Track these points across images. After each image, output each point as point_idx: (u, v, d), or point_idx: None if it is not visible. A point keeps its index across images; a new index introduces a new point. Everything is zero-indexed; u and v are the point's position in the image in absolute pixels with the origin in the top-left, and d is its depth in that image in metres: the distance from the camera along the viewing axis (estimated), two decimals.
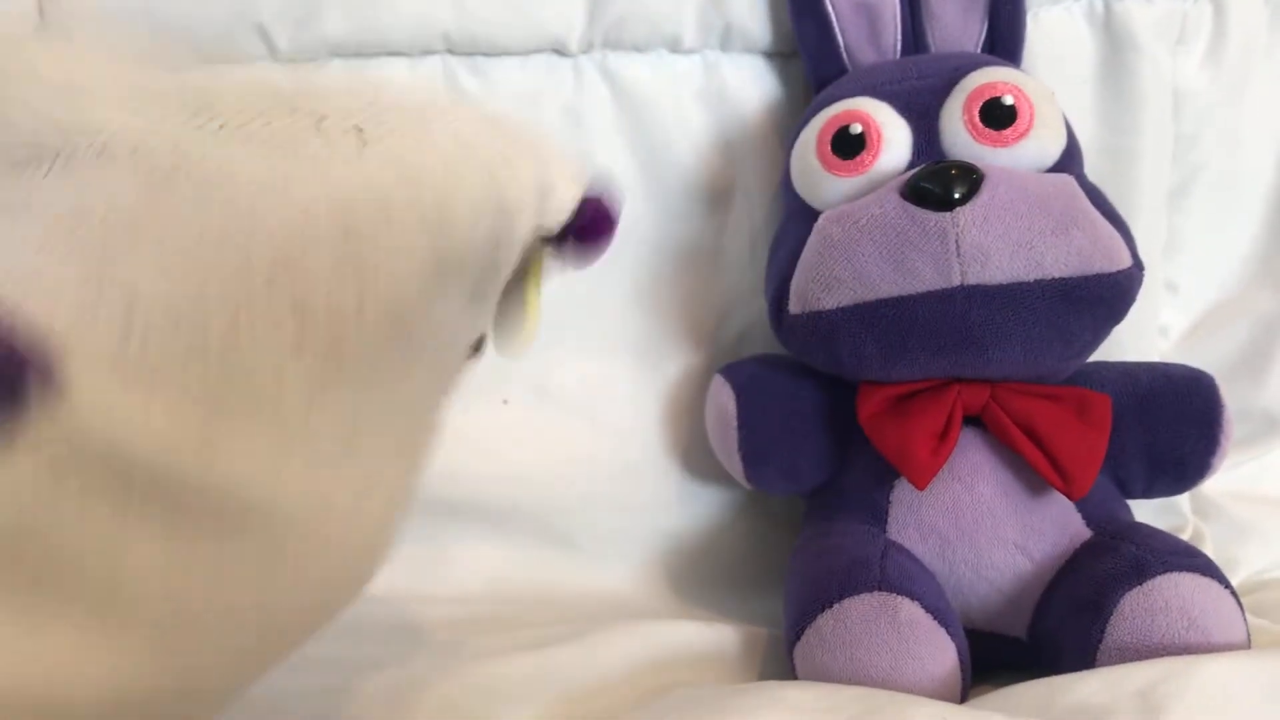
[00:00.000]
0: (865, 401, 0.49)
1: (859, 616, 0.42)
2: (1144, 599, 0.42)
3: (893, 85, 0.51)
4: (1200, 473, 0.50)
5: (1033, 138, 0.48)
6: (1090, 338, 0.48)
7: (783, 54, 0.59)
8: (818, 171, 0.50)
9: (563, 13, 0.55)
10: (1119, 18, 0.59)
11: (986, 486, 0.48)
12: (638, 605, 0.55)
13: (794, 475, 0.53)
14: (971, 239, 0.45)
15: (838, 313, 0.47)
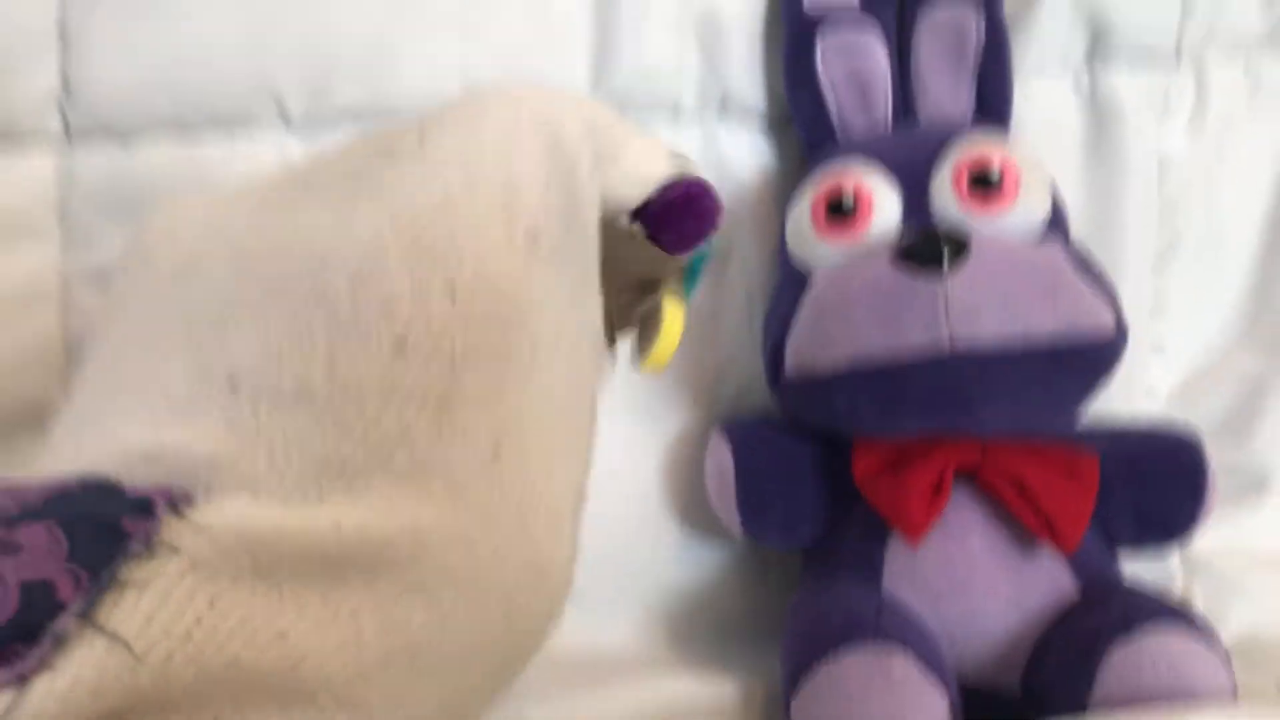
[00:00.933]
0: (860, 459, 0.50)
1: (854, 671, 0.43)
2: (1132, 654, 0.42)
3: (884, 153, 0.53)
4: (1187, 529, 0.51)
5: (1020, 204, 0.50)
6: (1077, 398, 0.49)
7: (778, 123, 0.61)
8: (812, 236, 0.52)
9: (566, 83, 0.57)
10: (1104, 89, 0.61)
11: (978, 542, 0.49)
12: (638, 659, 0.55)
13: (791, 531, 0.54)
14: (960, 302, 0.46)
15: (832, 373, 0.49)
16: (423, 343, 0.27)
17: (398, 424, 0.26)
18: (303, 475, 0.26)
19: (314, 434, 0.26)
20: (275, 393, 0.26)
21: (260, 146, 0.54)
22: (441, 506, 0.27)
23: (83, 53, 0.52)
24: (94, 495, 0.24)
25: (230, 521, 0.24)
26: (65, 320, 0.53)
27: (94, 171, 0.52)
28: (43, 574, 0.22)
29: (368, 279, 0.27)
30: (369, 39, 0.54)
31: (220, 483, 0.25)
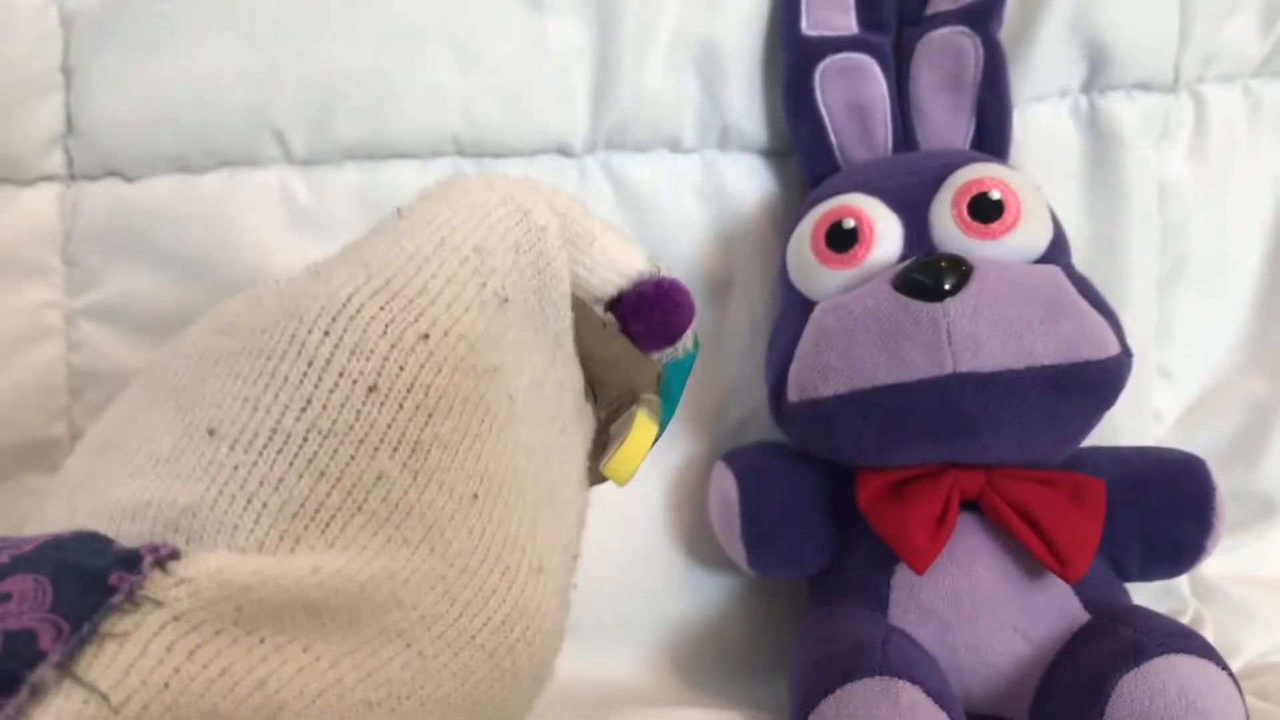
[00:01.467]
0: (864, 487, 0.50)
1: (861, 701, 0.43)
2: (1142, 681, 0.42)
3: (884, 181, 0.53)
4: (1195, 556, 0.51)
5: (1020, 230, 0.50)
6: (1081, 423, 0.49)
7: (778, 152, 0.61)
8: (813, 264, 0.52)
9: (566, 116, 0.57)
10: (1104, 114, 0.61)
11: (985, 571, 0.48)
12: (643, 692, 0.55)
13: (796, 561, 0.54)
14: (962, 328, 0.46)
15: (835, 400, 0.49)
16: (395, 387, 0.28)
17: (371, 468, 0.27)
18: (278, 519, 0.26)
19: (289, 478, 0.26)
20: (251, 438, 0.27)
21: (263, 183, 0.54)
22: (418, 550, 0.28)
23: (86, 92, 0.52)
24: (83, 548, 0.24)
25: (212, 571, 0.24)
26: (69, 358, 0.53)
27: (97, 209, 0.53)
28: (25, 623, 0.22)
29: (341, 327, 0.28)
30: (369, 74, 0.54)
31: (199, 530, 0.26)
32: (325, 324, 0.28)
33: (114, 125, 0.52)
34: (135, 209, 0.53)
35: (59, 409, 0.53)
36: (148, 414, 0.30)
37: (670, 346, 0.35)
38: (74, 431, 0.53)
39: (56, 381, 0.53)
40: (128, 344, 0.53)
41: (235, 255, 0.53)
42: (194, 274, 0.53)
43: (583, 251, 0.33)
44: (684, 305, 0.35)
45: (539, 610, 0.31)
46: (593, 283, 0.33)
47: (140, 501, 0.27)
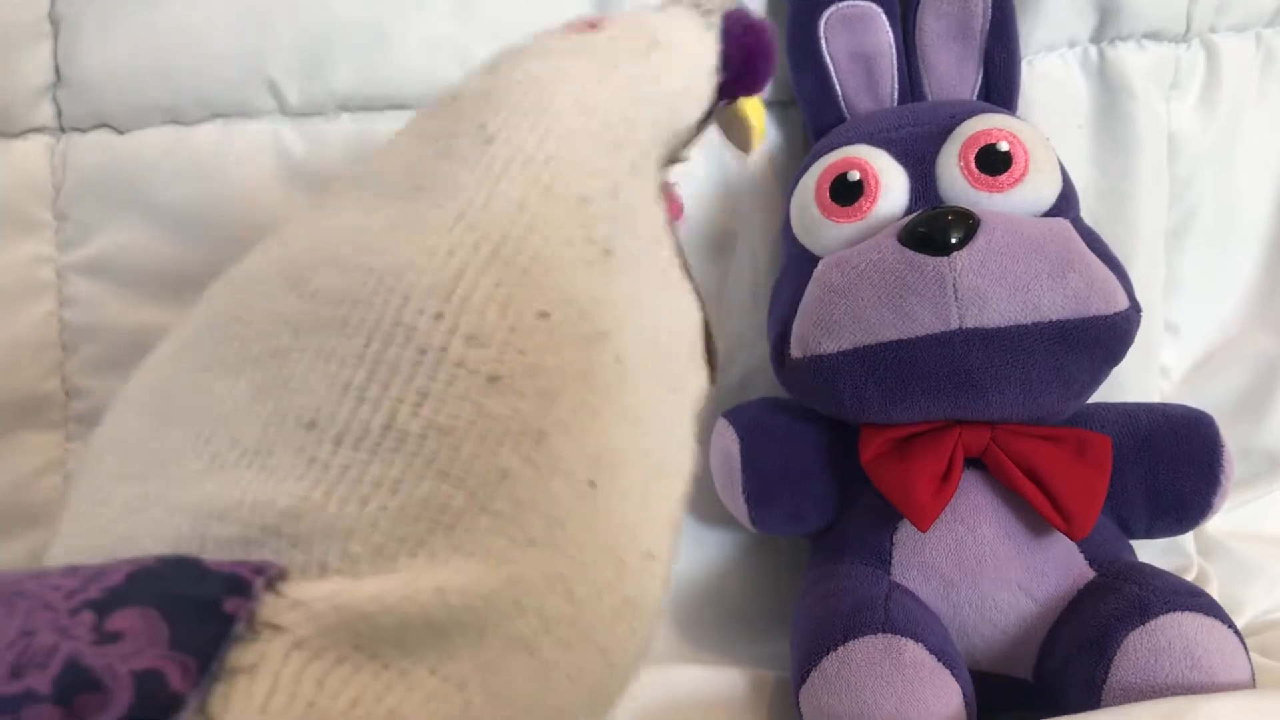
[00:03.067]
0: (867, 444, 0.49)
1: (863, 659, 0.42)
2: (1147, 639, 0.42)
3: (890, 133, 0.52)
4: (1202, 512, 0.51)
5: (1028, 183, 0.49)
6: (1089, 379, 0.48)
7: (782, 103, 0.60)
8: (817, 218, 0.51)
9: None
10: (1113, 64, 0.60)
11: (989, 528, 0.48)
12: None
13: (798, 518, 0.53)
14: (968, 283, 0.45)
15: (838, 356, 0.48)
16: (517, 375, 0.26)
17: (496, 465, 0.25)
18: (398, 522, 0.24)
19: (408, 479, 0.24)
20: (361, 435, 0.25)
21: (256, 134, 0.53)
22: (541, 547, 0.26)
23: (75, 42, 0.51)
24: (181, 574, 0.22)
25: (327, 596, 0.22)
26: (61, 313, 0.52)
27: (88, 162, 0.52)
28: (151, 663, 0.20)
29: (456, 309, 0.25)
30: (363, 22, 0.53)
31: (306, 536, 0.24)
32: (437, 304, 0.25)
33: (104, 75, 0.51)
34: (126, 161, 0.52)
35: (52, 365, 0.52)
36: (215, 384, 0.27)
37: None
38: (68, 387, 0.52)
39: (49, 337, 0.52)
40: (120, 299, 0.52)
41: (228, 208, 0.52)
42: (187, 228, 0.52)
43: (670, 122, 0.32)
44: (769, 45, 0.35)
45: (647, 598, 0.29)
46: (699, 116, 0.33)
47: (230, 500, 0.24)
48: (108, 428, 0.30)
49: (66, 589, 0.22)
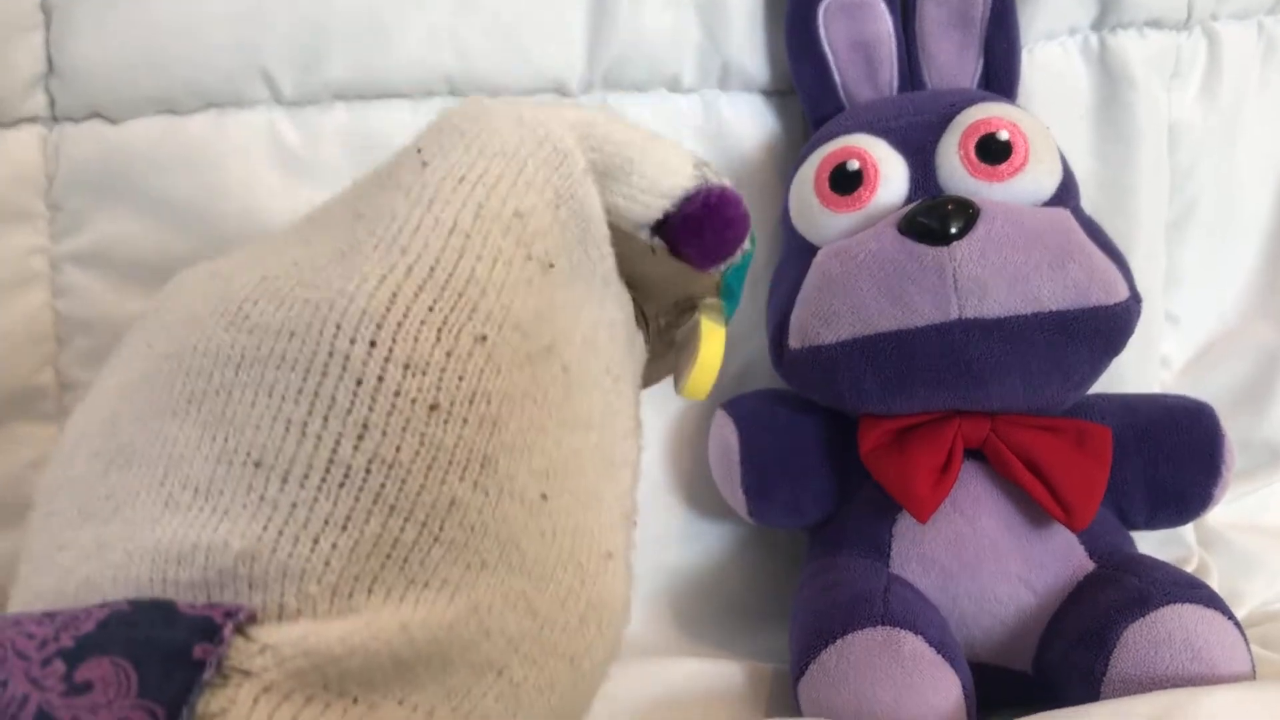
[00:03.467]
0: (866, 435, 0.49)
1: (862, 651, 0.42)
2: (1147, 630, 0.42)
3: (889, 122, 0.52)
4: (1202, 504, 0.50)
5: (1028, 172, 0.49)
6: (1089, 370, 0.48)
7: (780, 92, 0.60)
8: (816, 207, 0.51)
9: (563, 54, 0.56)
10: (1114, 53, 0.60)
11: (988, 519, 0.48)
12: (643, 642, 0.55)
13: (797, 510, 0.53)
14: (968, 273, 0.45)
15: (837, 347, 0.48)
16: (457, 402, 0.25)
17: (444, 494, 0.25)
18: (351, 561, 0.24)
19: (356, 515, 0.24)
20: (305, 472, 0.24)
21: (250, 124, 0.53)
22: (497, 570, 0.26)
23: (67, 32, 0.50)
24: (153, 619, 0.22)
25: (295, 640, 0.22)
26: (55, 304, 0.52)
27: (81, 152, 0.51)
28: (118, 714, 0.20)
29: (390, 336, 0.25)
30: (360, 11, 0.53)
31: (261, 577, 0.24)
32: (370, 332, 0.25)
33: (96, 65, 0.51)
34: (119, 151, 0.52)
35: (46, 356, 0.52)
36: (164, 425, 0.27)
37: (726, 261, 0.33)
38: (61, 379, 0.52)
39: (43, 329, 0.52)
40: (114, 290, 0.52)
41: (222, 199, 0.52)
42: (181, 218, 0.52)
43: (621, 182, 0.30)
44: (736, 220, 0.32)
45: (611, 599, 0.29)
46: (634, 211, 0.31)
47: (186, 544, 0.24)
48: (58, 468, 0.30)
49: (40, 637, 0.21)
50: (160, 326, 0.30)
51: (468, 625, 0.25)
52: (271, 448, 0.25)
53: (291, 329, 0.26)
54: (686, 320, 0.34)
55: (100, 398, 0.30)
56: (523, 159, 0.28)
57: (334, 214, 0.29)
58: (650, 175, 0.31)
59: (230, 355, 0.26)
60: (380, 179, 0.29)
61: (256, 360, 0.26)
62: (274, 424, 0.25)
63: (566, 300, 0.29)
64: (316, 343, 0.25)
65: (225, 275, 0.29)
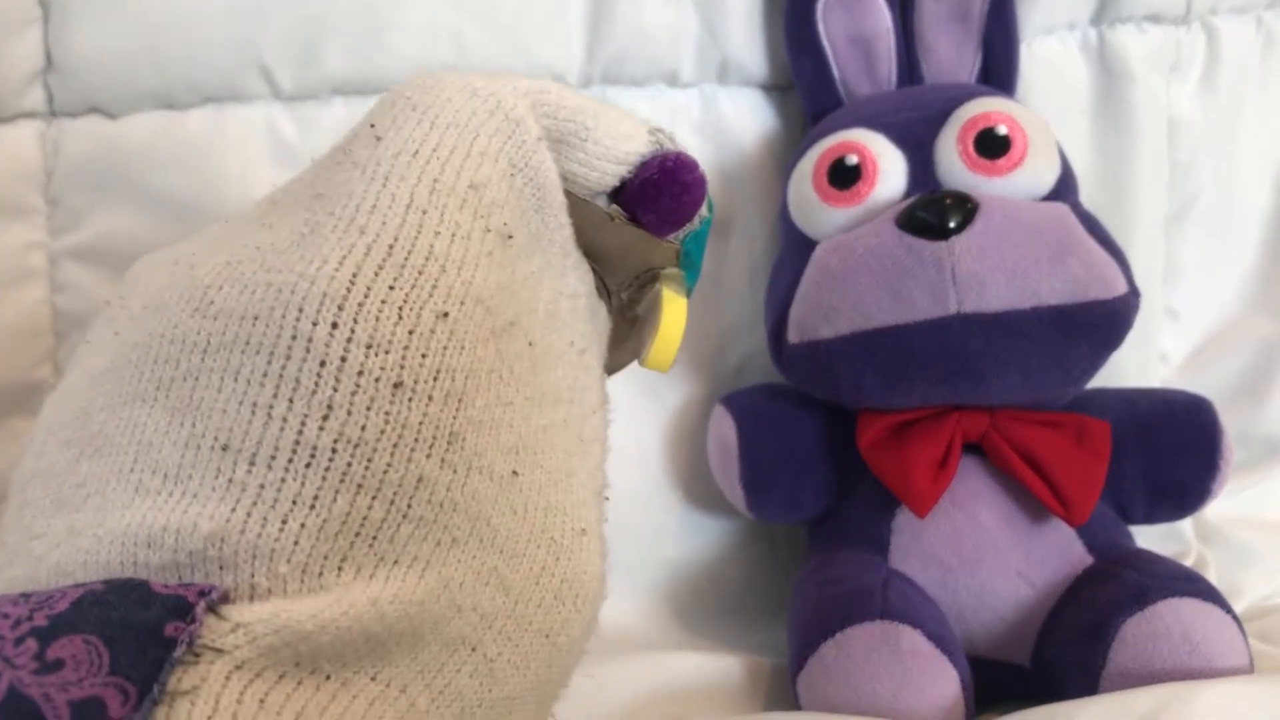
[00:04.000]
0: (865, 430, 0.49)
1: (861, 645, 0.42)
2: (1145, 624, 0.42)
3: (888, 117, 0.52)
4: (1201, 498, 0.50)
5: (1027, 167, 0.49)
6: (1088, 365, 0.48)
7: (779, 87, 0.60)
8: (814, 202, 0.51)
9: (561, 49, 0.56)
10: (1113, 47, 0.60)
11: (987, 514, 0.48)
12: (641, 636, 0.55)
13: (796, 504, 0.53)
14: (967, 267, 0.45)
15: (836, 342, 0.48)
16: (421, 379, 0.25)
17: (410, 472, 0.25)
18: (320, 540, 0.24)
19: (324, 495, 0.24)
20: (272, 454, 0.24)
21: (249, 120, 0.53)
22: (467, 546, 0.26)
23: (65, 26, 0.50)
24: (126, 599, 0.22)
25: (267, 618, 0.23)
26: (53, 300, 0.52)
27: (79, 147, 0.51)
28: (89, 691, 0.20)
29: (351, 317, 0.25)
30: (358, 6, 0.53)
31: (231, 558, 0.24)
32: (331, 314, 0.25)
33: (95, 60, 0.51)
34: (118, 147, 0.52)
35: (44, 352, 0.52)
36: (133, 412, 0.27)
37: (684, 228, 0.33)
38: (59, 375, 0.52)
39: (41, 324, 0.52)
40: (113, 285, 0.51)
41: (221, 194, 0.52)
42: (179, 214, 0.52)
43: (576, 149, 0.30)
44: (693, 184, 0.31)
45: (585, 575, 0.29)
46: (591, 178, 0.31)
47: (155, 527, 0.24)
48: (30, 459, 0.30)
49: (14, 617, 0.22)
50: (126, 316, 0.30)
51: (439, 601, 0.25)
52: (239, 431, 0.25)
53: (255, 313, 0.26)
54: (648, 293, 0.34)
55: (70, 387, 0.30)
56: (475, 129, 0.28)
57: (294, 194, 0.29)
58: (605, 142, 0.31)
59: (196, 341, 0.26)
60: (337, 155, 0.29)
61: (222, 346, 0.26)
62: (240, 407, 0.25)
63: (527, 272, 0.29)
64: (280, 326, 0.25)
65: (188, 262, 0.29)
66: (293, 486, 0.24)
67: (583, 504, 0.30)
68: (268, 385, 0.25)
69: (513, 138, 0.29)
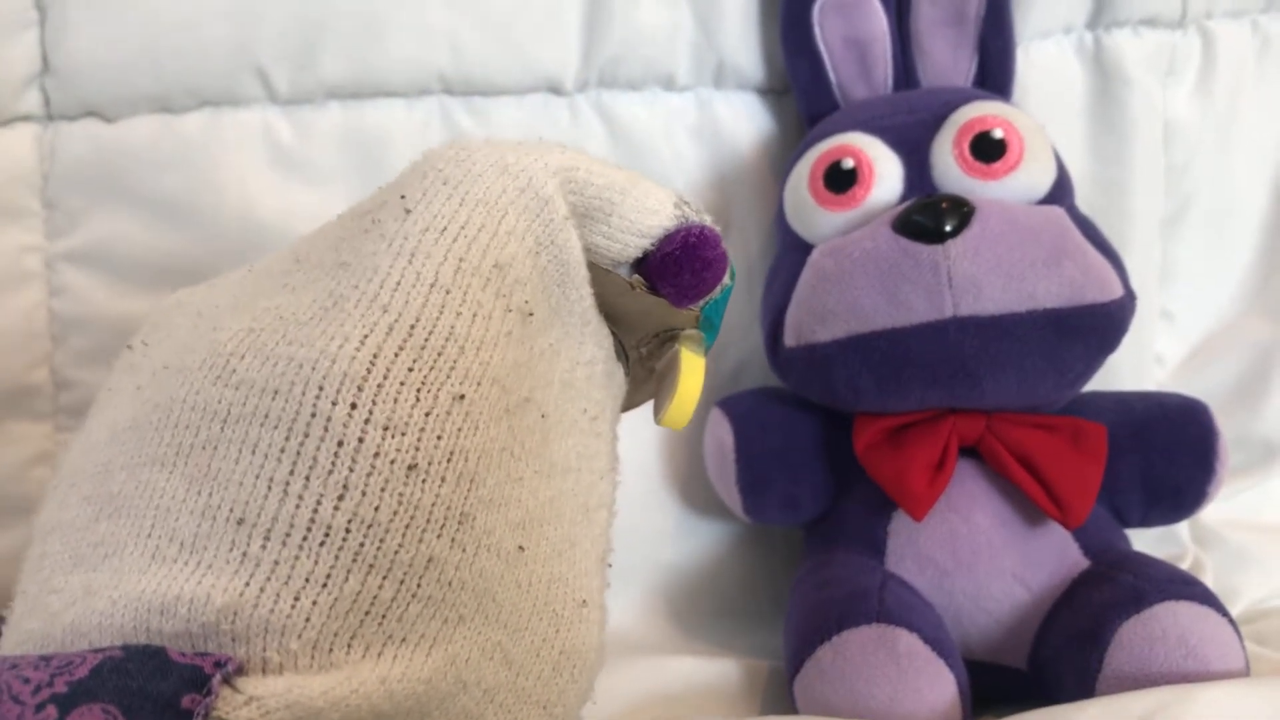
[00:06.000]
0: (861, 433, 0.49)
1: (858, 648, 0.42)
2: (1142, 627, 0.42)
3: (884, 120, 0.52)
4: (1197, 501, 0.50)
5: (1023, 170, 0.49)
6: (1083, 367, 0.48)
7: (775, 91, 0.60)
8: (811, 206, 0.51)
9: (557, 53, 0.56)
10: (1109, 51, 0.60)
11: (984, 517, 0.48)
12: (638, 639, 0.55)
13: (792, 507, 0.53)
14: (963, 271, 0.45)
15: (832, 345, 0.48)
16: (435, 461, 0.26)
17: (421, 552, 0.25)
18: (331, 617, 0.25)
19: (336, 574, 0.25)
20: (287, 530, 0.25)
21: (245, 123, 0.53)
22: (473, 623, 0.26)
23: (62, 29, 0.50)
24: (145, 667, 0.23)
25: (280, 693, 0.23)
26: (50, 303, 0.52)
27: (76, 150, 0.51)
28: None
29: (370, 398, 0.25)
30: (354, 10, 0.53)
31: (243, 632, 0.24)
32: (351, 395, 0.25)
33: (91, 64, 0.51)
34: (115, 150, 0.52)
35: (41, 355, 0.52)
36: (152, 476, 0.27)
37: (704, 299, 0.33)
38: (56, 378, 0.52)
39: (38, 327, 0.52)
40: (110, 289, 0.52)
41: (217, 197, 0.52)
42: (176, 217, 0.52)
43: (601, 223, 0.31)
44: (714, 260, 0.32)
45: (584, 646, 0.30)
46: (614, 250, 0.31)
47: (169, 596, 0.25)
48: (52, 509, 0.30)
49: (35, 682, 0.22)
50: (148, 369, 0.30)
51: (445, 678, 0.25)
52: (255, 505, 0.25)
53: (276, 387, 0.26)
54: (666, 350, 0.34)
55: (93, 439, 0.31)
56: (504, 207, 0.28)
57: (319, 255, 0.29)
58: (630, 216, 0.31)
59: (217, 410, 0.27)
60: (365, 221, 0.29)
61: (242, 417, 0.26)
62: (257, 482, 0.25)
63: (545, 345, 0.29)
64: (299, 403, 0.26)
65: (211, 320, 0.29)
66: (306, 564, 0.25)
67: (585, 573, 0.30)
68: (285, 462, 0.25)
69: (540, 216, 0.29)
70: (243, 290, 0.30)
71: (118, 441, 0.29)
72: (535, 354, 0.29)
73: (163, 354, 0.30)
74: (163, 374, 0.29)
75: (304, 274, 0.29)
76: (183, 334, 0.30)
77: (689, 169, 0.59)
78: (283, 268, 0.30)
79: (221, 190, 0.52)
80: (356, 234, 0.29)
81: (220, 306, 0.30)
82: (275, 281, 0.30)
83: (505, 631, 0.27)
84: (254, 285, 0.30)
